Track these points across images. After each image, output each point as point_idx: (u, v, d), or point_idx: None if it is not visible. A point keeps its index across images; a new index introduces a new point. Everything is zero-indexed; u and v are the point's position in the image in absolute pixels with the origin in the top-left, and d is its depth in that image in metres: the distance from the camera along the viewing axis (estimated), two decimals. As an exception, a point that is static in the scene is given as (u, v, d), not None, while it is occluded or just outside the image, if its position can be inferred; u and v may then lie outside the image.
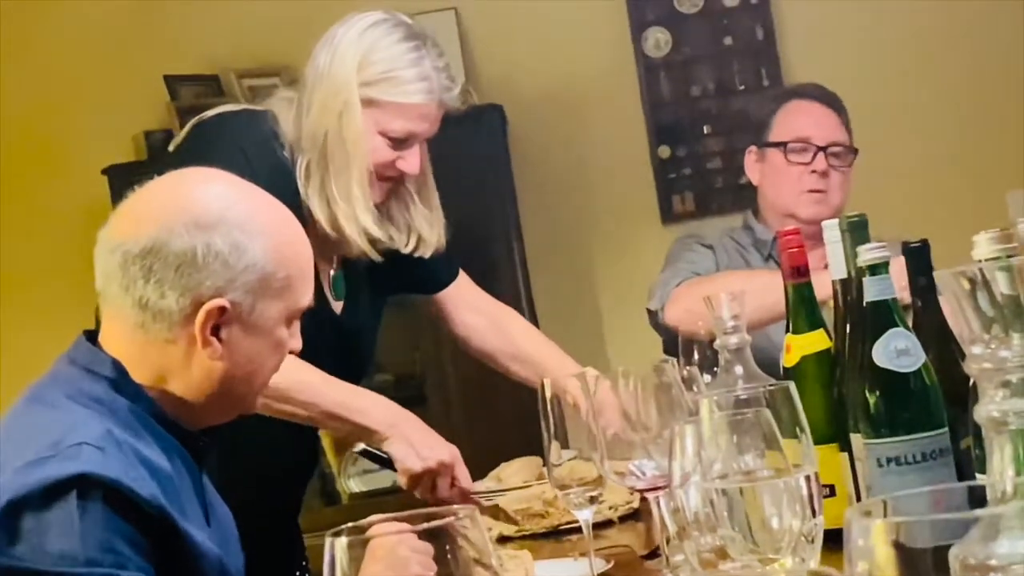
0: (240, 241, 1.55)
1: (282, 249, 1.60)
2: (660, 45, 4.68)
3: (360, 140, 2.17)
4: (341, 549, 0.70)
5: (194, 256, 1.53)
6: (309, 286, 1.66)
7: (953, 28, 4.52)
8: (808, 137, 2.83)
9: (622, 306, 4.52)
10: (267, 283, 1.57)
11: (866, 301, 1.56)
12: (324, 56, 2.20)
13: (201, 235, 1.53)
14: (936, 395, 1.53)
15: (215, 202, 1.57)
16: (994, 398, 0.83)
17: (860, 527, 0.58)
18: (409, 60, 2.19)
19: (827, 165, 2.81)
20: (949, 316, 1.62)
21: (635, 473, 1.65)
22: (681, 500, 1.17)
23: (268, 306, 1.59)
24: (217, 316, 1.55)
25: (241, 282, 1.55)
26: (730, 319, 1.84)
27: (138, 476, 1.47)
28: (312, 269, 1.68)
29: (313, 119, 2.18)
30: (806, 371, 1.75)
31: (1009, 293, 0.85)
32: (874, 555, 0.60)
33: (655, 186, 4.68)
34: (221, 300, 1.54)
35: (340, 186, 2.18)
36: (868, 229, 1.65)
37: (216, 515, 1.68)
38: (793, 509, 1.03)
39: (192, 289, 1.53)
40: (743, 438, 1.08)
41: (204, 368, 1.57)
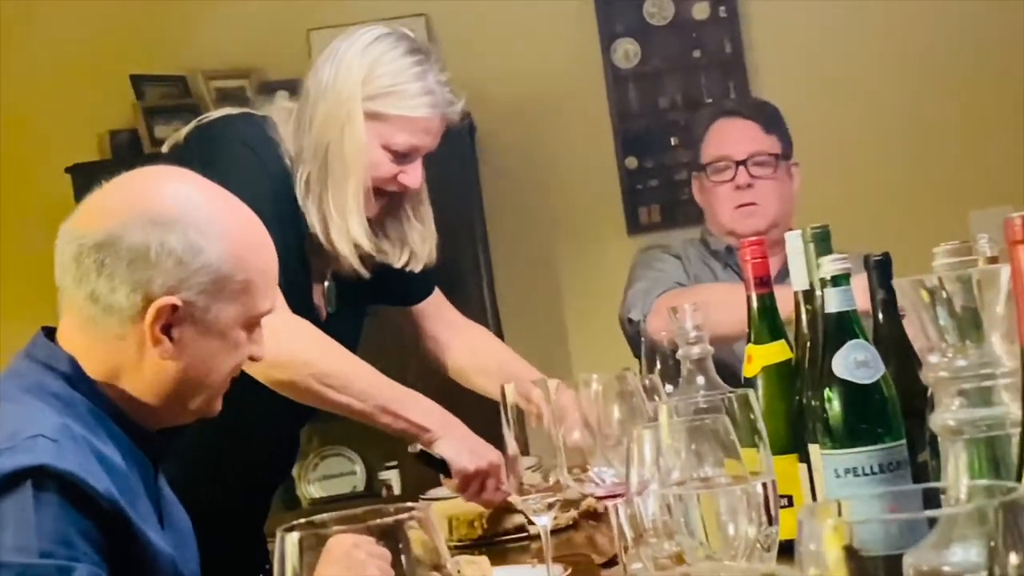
0: (196, 242, 1.54)
1: (242, 253, 1.59)
2: (629, 56, 4.69)
3: (360, 154, 2.17)
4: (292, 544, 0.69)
5: (147, 252, 1.51)
6: (270, 292, 1.64)
7: (921, 46, 4.55)
8: (727, 155, 2.88)
9: (587, 315, 4.53)
10: (223, 285, 1.56)
11: (827, 312, 1.56)
12: (327, 70, 2.20)
13: (156, 232, 1.52)
14: (895, 407, 1.53)
15: (176, 201, 1.56)
16: (949, 407, 0.83)
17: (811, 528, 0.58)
18: (413, 74, 2.20)
19: (749, 177, 2.84)
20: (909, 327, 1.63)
21: (594, 480, 1.65)
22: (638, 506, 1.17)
23: (224, 308, 1.57)
24: (168, 314, 1.53)
25: (195, 282, 1.54)
26: (693, 329, 1.85)
27: (93, 470, 1.46)
28: (275, 275, 1.66)
29: (316, 132, 2.18)
30: (767, 381, 1.75)
31: (966, 305, 0.86)
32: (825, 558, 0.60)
33: (622, 197, 4.69)
34: (172, 298, 1.53)
35: (337, 199, 2.17)
36: (831, 241, 1.66)
37: (172, 518, 1.66)
38: (749, 516, 1.03)
39: (143, 285, 1.52)
40: (701, 445, 1.09)
41: (155, 367, 1.56)
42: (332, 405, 2.11)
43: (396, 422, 2.13)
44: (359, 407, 2.11)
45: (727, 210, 2.87)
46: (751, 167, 2.84)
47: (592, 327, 4.33)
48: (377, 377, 2.17)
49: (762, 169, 2.85)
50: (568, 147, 4.67)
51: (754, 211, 2.83)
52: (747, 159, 2.85)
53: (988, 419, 0.82)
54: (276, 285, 1.67)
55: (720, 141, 2.91)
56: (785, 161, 2.90)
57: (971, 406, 0.83)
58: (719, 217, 2.90)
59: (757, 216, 2.82)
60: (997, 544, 0.62)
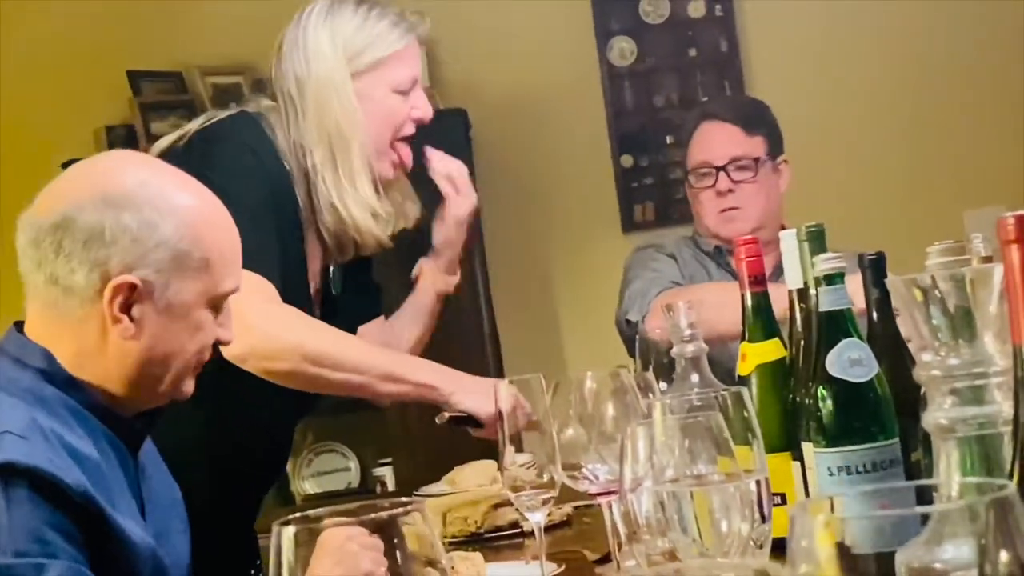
0: (151, 219, 1.54)
1: (198, 230, 1.59)
2: (625, 54, 4.69)
3: (356, 122, 2.21)
4: (288, 538, 0.69)
5: (102, 231, 1.52)
6: (231, 270, 1.64)
7: (917, 45, 4.56)
8: (708, 160, 2.90)
9: (581, 312, 4.53)
10: (182, 262, 1.56)
11: (821, 310, 1.57)
12: (298, 62, 2.23)
13: (111, 211, 1.53)
14: (888, 406, 1.54)
15: (129, 180, 1.57)
16: (942, 405, 0.84)
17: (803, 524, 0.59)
18: (375, 17, 2.26)
19: (730, 183, 2.85)
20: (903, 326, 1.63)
21: (588, 477, 1.65)
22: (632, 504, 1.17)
23: (184, 286, 1.57)
24: (127, 292, 1.54)
25: (152, 259, 1.54)
26: (687, 327, 1.85)
27: (63, 464, 1.45)
28: (236, 253, 1.66)
29: (312, 118, 2.21)
30: (761, 380, 1.75)
31: (959, 304, 0.86)
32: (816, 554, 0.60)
33: (617, 195, 4.70)
34: (130, 276, 1.53)
35: (346, 172, 2.21)
36: (825, 239, 1.66)
37: (157, 507, 1.66)
38: (742, 513, 1.04)
39: (100, 264, 1.52)
40: (695, 442, 1.09)
41: (119, 349, 1.56)
42: (332, 386, 2.13)
43: (400, 387, 2.14)
44: (359, 381, 2.12)
45: (711, 214, 2.90)
46: (732, 172, 2.86)
47: (586, 324, 4.34)
48: (370, 348, 2.19)
49: (743, 173, 2.86)
50: (563, 144, 4.67)
51: (736, 215, 2.85)
52: (727, 164, 2.86)
53: (980, 417, 0.83)
54: (238, 264, 1.67)
55: (701, 146, 2.92)
56: (771, 160, 2.90)
57: (963, 404, 0.83)
58: (704, 221, 2.93)
59: (739, 221, 2.83)
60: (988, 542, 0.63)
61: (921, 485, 0.63)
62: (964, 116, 4.54)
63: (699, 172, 2.91)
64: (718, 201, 2.87)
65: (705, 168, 2.89)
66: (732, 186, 2.85)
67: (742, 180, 2.85)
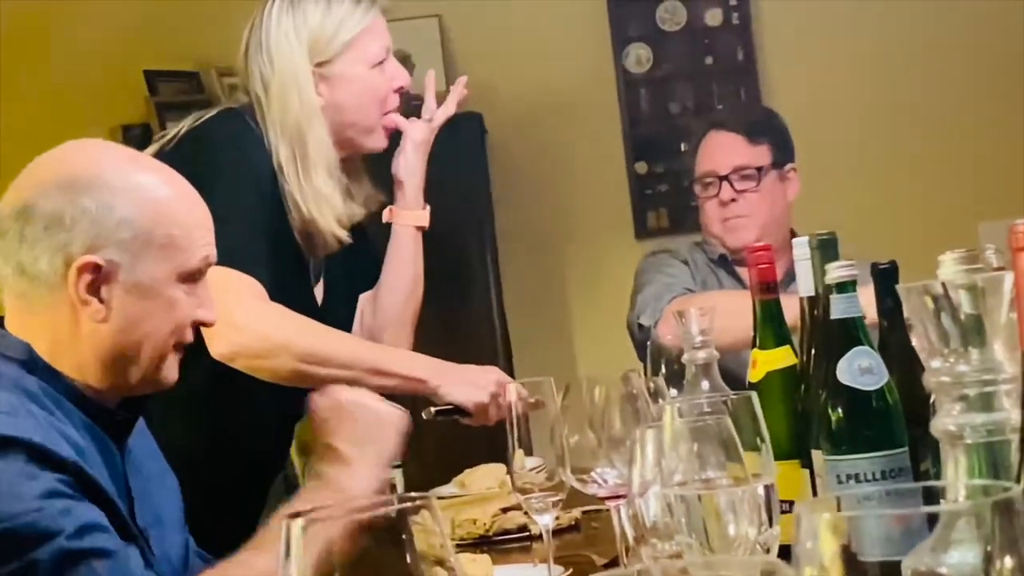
0: (109, 200, 1.54)
1: (159, 207, 1.58)
2: (641, 61, 4.70)
3: (316, 118, 2.22)
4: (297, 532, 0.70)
5: (62, 216, 1.53)
6: (200, 245, 1.63)
7: (933, 56, 4.55)
8: (712, 170, 2.90)
9: (593, 318, 4.54)
10: (146, 240, 1.56)
11: (832, 318, 1.56)
12: (263, 61, 2.25)
13: (69, 195, 1.53)
14: (898, 414, 1.54)
15: (87, 164, 1.57)
16: (951, 411, 0.84)
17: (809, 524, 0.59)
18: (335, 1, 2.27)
19: (733, 192, 2.86)
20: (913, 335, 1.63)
21: (597, 481, 1.66)
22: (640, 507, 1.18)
23: (152, 265, 1.57)
24: (92, 273, 1.54)
25: (114, 239, 1.54)
26: (699, 334, 1.85)
27: (54, 438, 1.46)
28: (204, 228, 1.65)
29: (275, 115, 2.22)
30: (771, 387, 1.75)
31: (970, 311, 0.86)
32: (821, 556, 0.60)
33: (631, 201, 4.70)
34: (92, 257, 1.53)
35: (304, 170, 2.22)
36: (837, 247, 1.66)
37: (147, 501, 1.65)
38: (750, 518, 1.04)
39: (62, 248, 1.53)
40: (704, 446, 1.09)
41: (91, 333, 1.56)
42: (322, 381, 2.14)
43: (388, 380, 2.15)
44: (348, 376, 2.13)
45: (716, 223, 2.91)
46: (735, 181, 2.86)
47: (598, 330, 4.34)
48: (357, 343, 2.21)
49: (746, 182, 2.87)
50: (578, 150, 4.68)
51: (740, 224, 2.85)
52: (730, 173, 2.86)
53: (989, 424, 0.83)
54: (208, 237, 1.66)
55: (706, 156, 2.94)
56: (777, 169, 2.91)
57: (972, 411, 0.83)
58: (711, 229, 2.94)
59: (743, 230, 2.83)
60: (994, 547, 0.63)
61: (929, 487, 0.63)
62: (981, 127, 4.53)
63: (704, 181, 2.92)
64: (722, 210, 2.88)
65: (709, 177, 2.91)
66: (735, 195, 2.86)
67: (745, 189, 2.86)
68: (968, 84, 4.54)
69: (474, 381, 2.17)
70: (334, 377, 2.13)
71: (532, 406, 1.72)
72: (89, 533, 1.42)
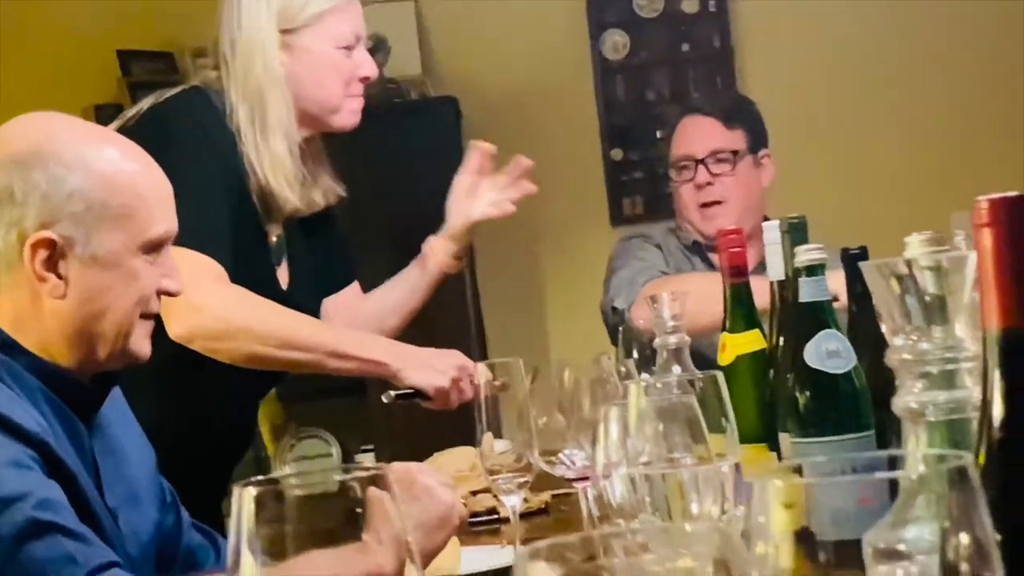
0: (59, 173, 1.52)
1: (112, 178, 1.56)
2: (618, 48, 4.69)
3: (278, 84, 2.22)
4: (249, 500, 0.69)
5: (12, 192, 1.51)
6: (160, 214, 1.60)
7: (910, 45, 4.57)
8: (688, 153, 2.90)
9: (568, 304, 4.53)
10: (100, 213, 1.54)
11: (801, 301, 1.57)
12: (232, 24, 2.25)
13: (18, 171, 1.51)
14: (865, 398, 1.54)
15: (35, 138, 1.55)
16: (912, 389, 0.84)
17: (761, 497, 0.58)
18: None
19: (710, 176, 2.86)
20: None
21: (565, 463, 1.65)
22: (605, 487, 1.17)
23: (108, 237, 1.55)
24: (47, 249, 1.52)
25: (67, 213, 1.52)
26: (670, 319, 1.85)
27: (20, 411, 1.45)
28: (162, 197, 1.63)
29: (239, 77, 2.23)
30: (740, 370, 1.75)
31: (933, 290, 0.86)
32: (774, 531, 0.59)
33: (606, 187, 4.70)
34: (46, 232, 1.51)
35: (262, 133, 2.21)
36: (807, 231, 1.66)
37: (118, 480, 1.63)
38: (713, 497, 1.04)
39: (15, 224, 1.51)
40: (669, 424, 1.09)
41: (52, 309, 1.54)
42: (281, 364, 2.16)
43: (348, 363, 2.16)
44: (307, 359, 2.14)
45: (692, 210, 2.90)
46: (711, 165, 2.86)
47: (572, 316, 4.34)
48: (317, 325, 2.21)
49: (722, 166, 2.87)
50: (554, 136, 4.67)
51: (718, 211, 2.84)
52: (706, 157, 2.86)
53: (951, 402, 0.83)
54: (168, 206, 1.63)
55: (682, 140, 2.93)
56: (752, 155, 2.91)
57: (934, 389, 0.83)
58: (687, 216, 2.93)
59: (721, 216, 2.82)
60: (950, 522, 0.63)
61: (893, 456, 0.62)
62: (956, 117, 4.55)
63: (679, 166, 2.92)
64: (698, 195, 2.88)
65: (685, 161, 2.90)
66: (711, 179, 2.86)
67: (721, 173, 2.86)
68: (943, 73, 4.55)
69: (434, 365, 2.17)
70: (293, 360, 2.13)
71: (498, 389, 1.72)
72: (54, 508, 1.40)
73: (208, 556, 1.76)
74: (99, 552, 1.40)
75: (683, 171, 2.91)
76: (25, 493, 1.39)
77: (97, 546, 1.41)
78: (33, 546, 1.37)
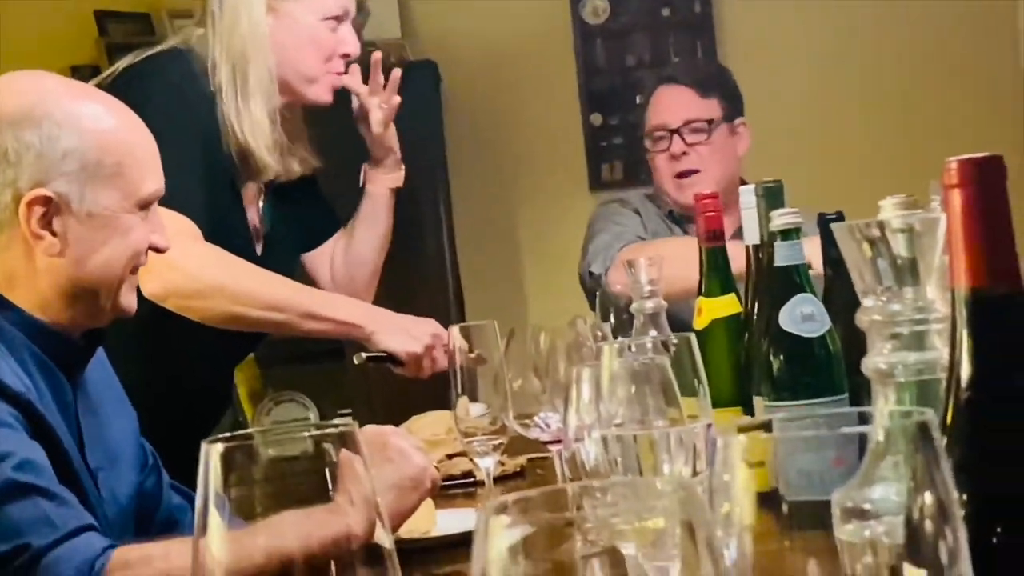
0: (52, 132, 1.53)
1: (104, 135, 1.57)
2: (598, 12, 4.67)
3: (262, 45, 2.21)
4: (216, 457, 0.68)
5: (5, 152, 1.51)
6: (150, 172, 1.62)
7: (887, 13, 4.56)
8: (663, 123, 2.90)
9: (546, 268, 4.53)
10: (94, 170, 1.55)
11: (776, 265, 1.57)
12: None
13: (11, 131, 1.52)
14: (839, 362, 1.54)
15: (26, 97, 1.55)
16: (882, 350, 0.84)
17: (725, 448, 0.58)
18: None
19: (684, 145, 2.85)
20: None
21: (539, 425, 1.66)
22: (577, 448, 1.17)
23: (101, 194, 1.56)
24: (43, 207, 1.52)
25: (62, 171, 1.53)
26: (647, 284, 1.85)
27: (6, 369, 1.45)
28: (152, 154, 1.64)
29: (223, 34, 2.22)
30: (716, 334, 1.76)
31: (904, 252, 0.86)
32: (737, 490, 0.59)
33: (585, 153, 4.69)
34: (41, 190, 1.52)
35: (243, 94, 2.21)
36: (783, 195, 1.66)
37: (100, 441, 1.64)
38: (685, 459, 1.04)
39: (10, 184, 1.51)
40: (641, 387, 1.09)
41: (47, 268, 1.55)
42: (255, 323, 2.15)
43: (322, 324, 2.16)
44: (280, 319, 2.14)
45: (667, 179, 2.90)
46: (686, 134, 2.86)
47: (550, 281, 4.34)
48: (292, 286, 2.21)
49: (697, 135, 2.86)
50: (534, 100, 4.66)
51: (694, 181, 2.83)
52: (681, 127, 2.86)
53: (920, 363, 0.83)
54: (157, 165, 1.65)
55: (657, 110, 2.93)
56: (727, 123, 2.90)
57: (904, 350, 0.83)
58: (663, 186, 2.93)
59: (697, 186, 2.80)
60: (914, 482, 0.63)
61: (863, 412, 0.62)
62: (934, 85, 4.55)
63: (654, 136, 2.91)
64: (673, 164, 2.88)
65: (660, 131, 2.90)
66: (686, 149, 2.86)
67: (696, 143, 2.86)
68: (922, 41, 4.55)
69: (409, 331, 2.17)
70: (266, 320, 2.13)
71: (474, 361, 1.72)
72: (35, 470, 1.40)
73: (187, 517, 1.76)
74: (76, 515, 1.40)
75: (658, 141, 2.90)
76: (6, 453, 1.39)
77: (75, 509, 1.41)
78: (10, 507, 1.37)
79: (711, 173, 2.84)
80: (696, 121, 2.86)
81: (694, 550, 0.54)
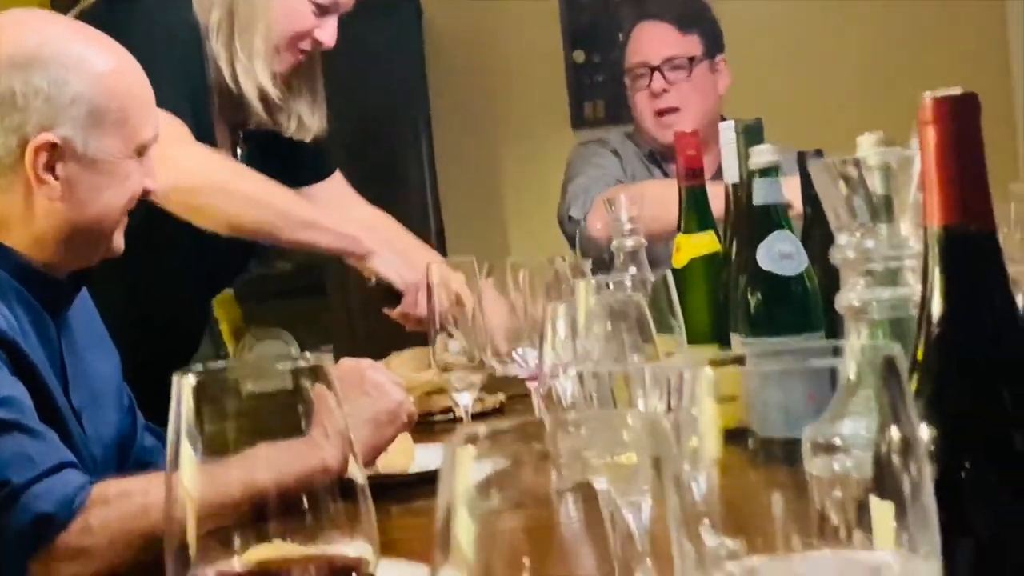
0: (62, 76, 1.52)
1: (110, 81, 1.57)
2: (582, -53, 4.63)
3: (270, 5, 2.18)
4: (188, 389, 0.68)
5: (13, 96, 1.50)
6: (149, 118, 1.62)
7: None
8: (643, 60, 2.88)
9: (528, 206, 4.53)
10: (99, 116, 1.55)
11: (754, 203, 1.57)
12: None
13: (20, 74, 1.51)
14: (816, 300, 1.55)
15: (35, 40, 1.54)
16: (855, 287, 0.84)
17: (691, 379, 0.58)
18: None
19: (665, 83, 2.84)
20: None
21: (518, 362, 1.66)
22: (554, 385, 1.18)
23: (105, 140, 1.56)
24: (48, 153, 1.52)
25: (69, 116, 1.52)
26: (627, 222, 1.85)
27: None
28: (152, 101, 1.64)
29: None
30: (694, 272, 1.76)
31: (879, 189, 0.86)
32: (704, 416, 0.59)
33: (567, 90, 4.66)
34: (48, 135, 1.51)
35: (244, 42, 2.18)
36: (763, 132, 1.66)
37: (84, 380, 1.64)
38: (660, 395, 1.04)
39: (16, 129, 1.51)
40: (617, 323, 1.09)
41: (46, 211, 1.54)
42: (252, 226, 2.12)
43: (321, 236, 2.15)
44: (280, 224, 2.12)
45: (648, 117, 2.89)
46: (666, 72, 2.84)
47: (532, 218, 4.34)
48: (293, 195, 2.18)
49: (677, 72, 2.85)
50: (516, 37, 4.62)
51: (674, 118, 2.83)
52: (661, 64, 2.84)
53: (893, 300, 0.83)
54: (155, 110, 1.65)
55: (637, 47, 2.91)
56: (708, 60, 2.89)
57: (877, 286, 0.83)
58: (643, 124, 2.92)
59: (678, 123, 2.79)
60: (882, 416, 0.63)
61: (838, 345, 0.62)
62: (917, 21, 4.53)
63: (635, 73, 2.89)
64: (653, 102, 2.86)
65: (640, 69, 2.88)
66: (667, 86, 2.84)
67: (676, 80, 2.84)
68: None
69: (406, 262, 2.16)
70: (266, 223, 2.10)
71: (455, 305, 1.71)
72: (15, 406, 1.41)
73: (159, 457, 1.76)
74: (56, 452, 1.41)
75: (638, 79, 2.89)
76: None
77: (55, 446, 1.42)
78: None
79: (691, 110, 2.83)
80: (676, 58, 2.85)
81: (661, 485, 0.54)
